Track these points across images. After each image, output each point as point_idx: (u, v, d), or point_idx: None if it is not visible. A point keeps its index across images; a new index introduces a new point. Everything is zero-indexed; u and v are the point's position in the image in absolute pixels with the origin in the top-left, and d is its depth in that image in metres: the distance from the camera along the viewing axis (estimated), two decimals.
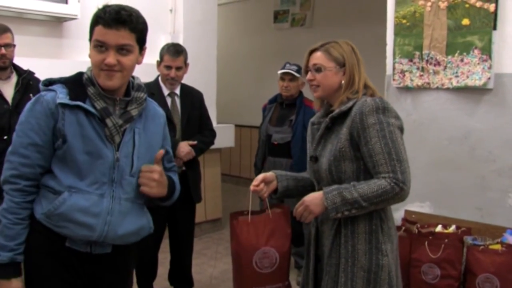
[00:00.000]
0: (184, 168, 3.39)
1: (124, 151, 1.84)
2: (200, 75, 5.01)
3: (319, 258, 2.17)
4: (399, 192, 1.89)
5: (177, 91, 3.50)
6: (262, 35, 7.90)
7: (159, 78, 3.49)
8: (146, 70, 4.18)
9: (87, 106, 1.79)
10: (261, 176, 2.21)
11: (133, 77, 1.95)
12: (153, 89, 3.39)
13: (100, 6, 1.82)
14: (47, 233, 1.80)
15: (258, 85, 7.76)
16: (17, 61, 3.86)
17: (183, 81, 3.58)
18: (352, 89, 2.06)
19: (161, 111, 2.06)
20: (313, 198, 2.01)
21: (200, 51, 5.20)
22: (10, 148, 1.82)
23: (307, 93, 3.99)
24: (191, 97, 3.57)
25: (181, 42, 4.87)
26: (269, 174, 2.23)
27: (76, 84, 1.84)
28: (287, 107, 4.14)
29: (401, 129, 2.00)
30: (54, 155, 1.81)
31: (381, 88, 3.69)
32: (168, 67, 3.39)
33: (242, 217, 2.24)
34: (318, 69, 2.08)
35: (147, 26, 1.88)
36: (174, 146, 3.26)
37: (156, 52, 3.48)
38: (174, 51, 3.38)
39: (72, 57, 4.53)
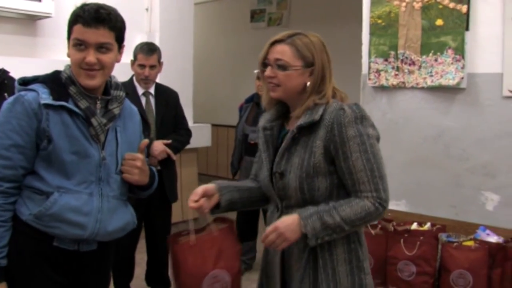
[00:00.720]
0: (159, 167, 3.37)
1: (109, 149, 1.86)
2: (176, 75, 5.00)
3: (286, 281, 1.90)
4: (381, 212, 1.74)
5: (152, 90, 3.49)
6: (238, 34, 7.89)
7: (134, 78, 3.48)
8: (122, 69, 4.13)
9: (71, 106, 1.79)
10: (200, 189, 1.90)
11: (110, 76, 1.94)
12: (127, 88, 3.34)
13: (78, 5, 1.82)
14: (33, 233, 1.79)
15: (234, 84, 7.77)
16: None
17: (158, 81, 3.57)
18: (320, 93, 1.80)
19: (135, 109, 2.07)
20: (289, 224, 1.72)
21: (176, 51, 5.19)
22: None
23: None
24: (166, 96, 3.56)
25: (157, 41, 4.86)
26: (210, 187, 1.93)
27: (56, 84, 1.83)
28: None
29: (378, 139, 1.80)
30: (37, 156, 1.79)
31: (357, 87, 3.73)
32: (142, 66, 3.38)
33: (183, 239, 1.95)
34: (282, 67, 1.78)
35: (125, 24, 1.89)
36: (148, 145, 3.25)
37: (131, 51, 3.46)
38: (148, 49, 3.37)
39: (46, 55, 4.48)
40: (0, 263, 1.75)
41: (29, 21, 4.37)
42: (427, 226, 3.18)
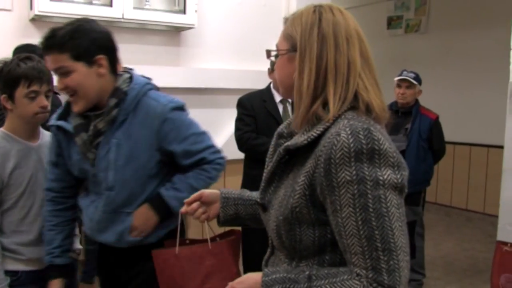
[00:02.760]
0: None
1: (100, 166, 1.91)
2: None
3: None
4: None
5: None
6: (375, 41, 7.54)
7: (271, 85, 3.54)
8: (258, 77, 4.28)
9: (64, 124, 1.95)
10: (197, 193, 1.58)
11: (130, 77, 1.99)
12: (265, 96, 3.46)
13: None
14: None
15: None
16: (139, 69, 4.11)
17: None
18: (319, 97, 1.22)
19: (159, 110, 1.91)
20: (248, 286, 1.26)
21: None
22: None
23: (424, 101, 3.87)
24: None
25: None
26: (208, 193, 1.58)
27: (69, 102, 1.98)
28: (402, 115, 4.07)
29: (401, 189, 1.17)
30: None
31: (504, 97, 3.49)
32: None
33: (169, 250, 1.66)
34: (276, 55, 1.35)
35: (90, 36, 1.81)
36: None
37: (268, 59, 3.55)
38: None
39: (189, 64, 4.77)
40: (54, 262, 2.00)
41: (174, 33, 4.67)
42: None
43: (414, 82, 3.99)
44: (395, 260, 1.10)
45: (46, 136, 2.16)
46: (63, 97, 2.13)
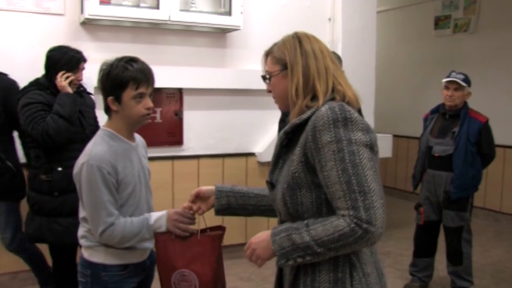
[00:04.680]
0: None
1: None
2: (358, 84, 4.96)
3: None
4: (362, 235, 1.41)
5: None
6: (422, 42, 7.59)
7: None
8: None
9: None
10: (195, 190, 1.98)
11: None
12: None
13: None
14: None
15: (417, 94, 7.50)
16: (185, 70, 4.19)
17: None
18: (312, 95, 1.60)
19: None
20: (261, 240, 1.59)
21: (358, 60, 5.05)
22: None
23: (473, 103, 3.79)
24: None
25: (339, 51, 4.92)
26: (205, 189, 1.97)
27: None
28: (450, 118, 3.98)
29: (371, 146, 1.49)
30: None
31: None
32: None
33: (168, 235, 2.06)
34: (268, 78, 1.72)
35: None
36: None
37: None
38: None
39: (235, 65, 4.82)
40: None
41: (220, 34, 4.73)
42: None
43: (463, 84, 3.89)
44: (369, 200, 1.41)
45: (137, 136, 2.27)
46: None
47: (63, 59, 3.11)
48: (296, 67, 1.61)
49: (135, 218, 2.09)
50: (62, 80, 3.08)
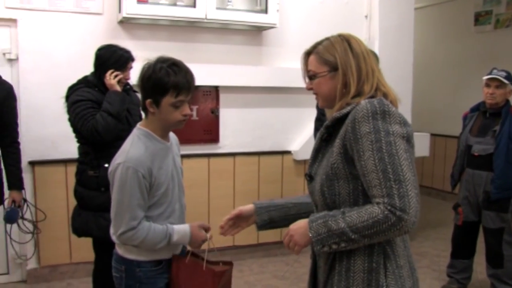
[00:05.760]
0: None
1: None
2: (395, 82, 4.90)
3: None
4: (396, 223, 1.46)
5: None
6: (461, 39, 7.43)
7: None
8: None
9: None
10: (236, 210, 2.03)
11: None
12: None
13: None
14: None
15: (455, 93, 7.34)
16: (221, 68, 4.22)
17: None
18: (357, 93, 1.66)
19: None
20: (299, 227, 1.65)
21: (396, 57, 4.98)
22: None
23: None
24: None
25: (376, 48, 4.87)
26: (245, 209, 2.03)
27: None
28: (490, 116, 3.89)
29: (408, 139, 1.56)
30: None
31: None
32: None
33: (183, 257, 2.19)
34: (312, 77, 1.76)
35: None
36: None
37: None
38: None
39: (271, 63, 4.82)
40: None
41: (256, 32, 4.75)
42: None
43: (505, 81, 3.79)
44: (404, 189, 1.46)
45: (170, 133, 2.27)
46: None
47: (112, 58, 3.15)
48: (349, 70, 1.66)
49: (158, 227, 2.11)
50: (111, 79, 3.12)
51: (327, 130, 1.69)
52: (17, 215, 3.49)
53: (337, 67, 1.68)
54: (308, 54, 1.78)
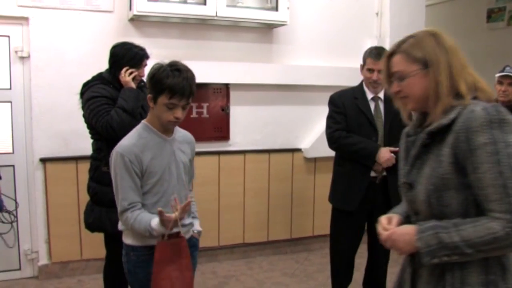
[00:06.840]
0: (384, 173, 3.33)
1: None
2: None
3: None
4: None
5: (381, 95, 3.45)
6: (473, 36, 7.33)
7: (363, 82, 3.48)
8: (351, 74, 4.23)
9: None
10: (384, 220, 1.79)
11: None
12: (357, 93, 3.42)
13: None
14: None
15: None
16: (232, 66, 4.21)
17: None
18: (455, 93, 1.57)
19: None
20: (404, 233, 1.59)
21: None
22: None
23: None
24: None
25: (387, 46, 4.82)
26: (395, 217, 1.79)
27: None
28: None
29: None
30: None
31: None
32: (371, 70, 3.36)
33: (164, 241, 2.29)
34: (400, 78, 1.65)
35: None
36: (375, 152, 3.24)
37: (361, 56, 3.48)
38: (376, 53, 3.33)
39: (281, 61, 4.80)
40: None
41: (266, 30, 4.73)
42: None
43: None
44: None
45: (179, 131, 2.47)
46: None
47: (127, 55, 3.17)
48: (441, 65, 1.58)
49: (145, 218, 2.24)
50: (126, 76, 3.15)
51: (430, 136, 1.60)
52: (2, 205, 3.50)
53: (429, 64, 1.59)
54: (391, 55, 1.70)
